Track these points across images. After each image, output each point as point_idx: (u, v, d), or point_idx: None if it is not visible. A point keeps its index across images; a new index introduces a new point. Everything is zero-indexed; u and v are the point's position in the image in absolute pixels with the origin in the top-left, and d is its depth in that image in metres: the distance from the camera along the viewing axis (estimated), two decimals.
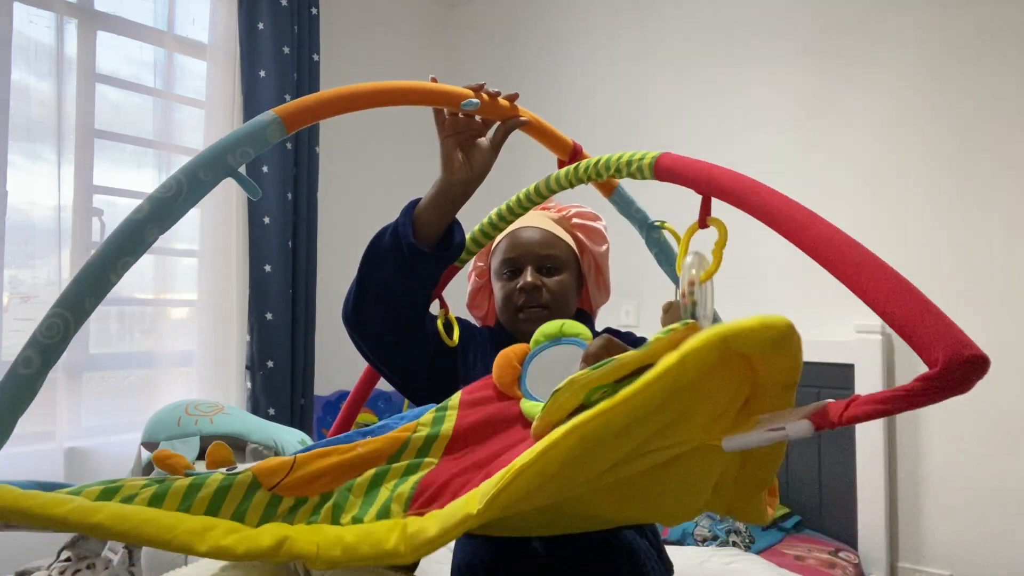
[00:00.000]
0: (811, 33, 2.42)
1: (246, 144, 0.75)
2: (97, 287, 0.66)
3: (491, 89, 1.00)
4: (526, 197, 1.04)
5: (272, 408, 2.58)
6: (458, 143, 1.00)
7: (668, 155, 0.82)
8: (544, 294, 1.13)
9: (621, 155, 0.88)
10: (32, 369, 0.64)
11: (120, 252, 0.68)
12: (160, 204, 0.70)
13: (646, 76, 2.84)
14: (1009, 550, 2.01)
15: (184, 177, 0.71)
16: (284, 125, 0.78)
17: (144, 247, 0.70)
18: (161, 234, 0.71)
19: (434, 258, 0.99)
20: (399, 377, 1.11)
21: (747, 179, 0.73)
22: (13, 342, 2.16)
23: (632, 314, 2.74)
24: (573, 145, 1.15)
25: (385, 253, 0.99)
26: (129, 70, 2.49)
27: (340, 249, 2.95)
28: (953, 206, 2.14)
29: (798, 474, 2.31)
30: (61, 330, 0.64)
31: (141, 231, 0.69)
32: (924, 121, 2.19)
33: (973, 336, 0.51)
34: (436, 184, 1.00)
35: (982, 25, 2.10)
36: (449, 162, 1.00)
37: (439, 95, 0.95)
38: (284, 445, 1.58)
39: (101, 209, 2.37)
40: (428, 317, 1.10)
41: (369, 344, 1.06)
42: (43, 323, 0.65)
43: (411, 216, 1.00)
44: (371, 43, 3.23)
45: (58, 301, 0.65)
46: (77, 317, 0.65)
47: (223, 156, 0.74)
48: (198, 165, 0.73)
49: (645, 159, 0.84)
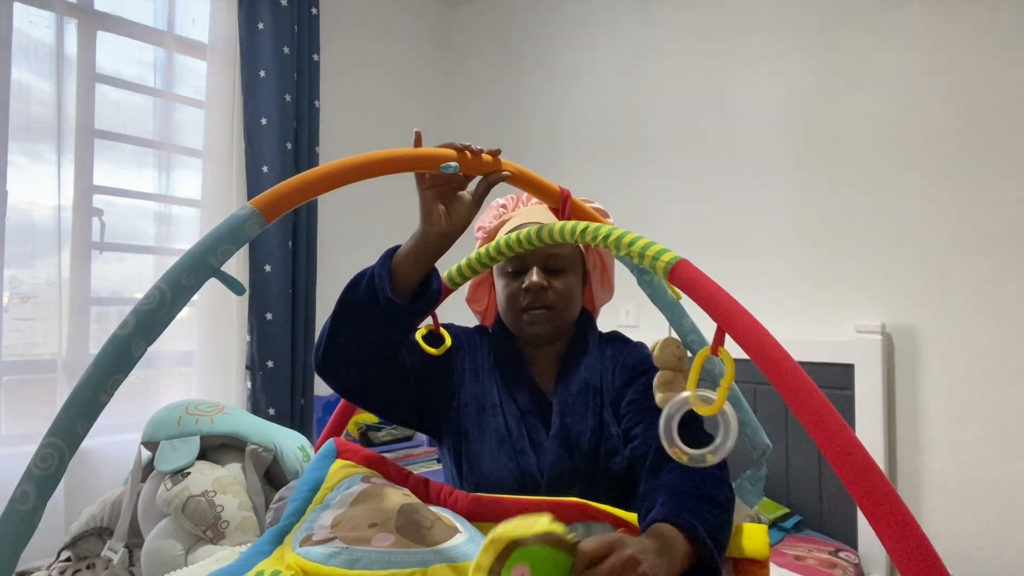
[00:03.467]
0: (811, 33, 2.42)
1: (226, 242, 0.74)
2: (89, 411, 0.65)
3: (476, 147, 0.97)
4: (527, 240, 1.02)
5: (272, 408, 2.58)
6: (438, 196, 0.98)
7: (686, 265, 0.79)
8: (549, 295, 1.13)
9: (635, 240, 0.84)
10: (29, 504, 0.63)
11: (110, 371, 0.67)
12: (145, 316, 0.69)
13: (646, 74, 2.84)
14: (1009, 550, 2.01)
15: (167, 286, 0.70)
16: (263, 217, 0.76)
17: (133, 362, 0.68)
18: (149, 345, 0.70)
19: (410, 311, 0.98)
20: (379, 412, 1.10)
21: (764, 333, 0.71)
22: (13, 342, 2.16)
23: (632, 314, 2.75)
24: (561, 192, 1.12)
25: (360, 302, 0.97)
26: (129, 70, 2.49)
27: (340, 249, 2.96)
28: (954, 207, 2.14)
29: (798, 474, 2.31)
30: (55, 460, 0.63)
31: (129, 346, 0.68)
32: (924, 121, 2.19)
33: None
34: (415, 236, 0.98)
35: (981, 25, 2.10)
36: (428, 215, 0.97)
37: (420, 160, 0.92)
38: (284, 448, 1.58)
39: (101, 209, 2.37)
40: (404, 348, 1.09)
41: (343, 387, 1.05)
42: (37, 454, 0.63)
43: (388, 268, 0.98)
44: (371, 43, 3.23)
45: (51, 430, 0.64)
46: (70, 444, 0.64)
47: (205, 258, 0.72)
48: (180, 271, 0.71)
49: (660, 259, 0.80)
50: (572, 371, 1.14)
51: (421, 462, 2.75)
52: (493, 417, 1.11)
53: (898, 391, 2.20)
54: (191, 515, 1.34)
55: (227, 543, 1.31)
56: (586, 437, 1.07)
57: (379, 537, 0.80)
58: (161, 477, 1.45)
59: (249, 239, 0.76)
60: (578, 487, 1.02)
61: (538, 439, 1.09)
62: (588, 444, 1.07)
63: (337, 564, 0.77)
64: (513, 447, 1.08)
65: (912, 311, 2.18)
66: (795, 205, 2.43)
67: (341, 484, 0.93)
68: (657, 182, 2.78)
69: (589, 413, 1.09)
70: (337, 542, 0.80)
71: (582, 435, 1.07)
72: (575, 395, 1.11)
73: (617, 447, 1.07)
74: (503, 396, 1.13)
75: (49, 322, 2.19)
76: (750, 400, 2.22)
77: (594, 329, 1.23)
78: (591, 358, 1.15)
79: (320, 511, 0.88)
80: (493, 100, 3.37)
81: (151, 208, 2.52)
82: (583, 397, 1.11)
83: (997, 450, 2.04)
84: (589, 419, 1.09)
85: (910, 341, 2.18)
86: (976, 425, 2.07)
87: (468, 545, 0.83)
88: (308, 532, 0.84)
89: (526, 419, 1.10)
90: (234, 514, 1.36)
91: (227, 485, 1.41)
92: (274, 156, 2.62)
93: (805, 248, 2.40)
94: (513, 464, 1.06)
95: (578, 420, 1.09)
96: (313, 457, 1.01)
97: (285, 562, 0.81)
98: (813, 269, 2.37)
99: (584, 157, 2.98)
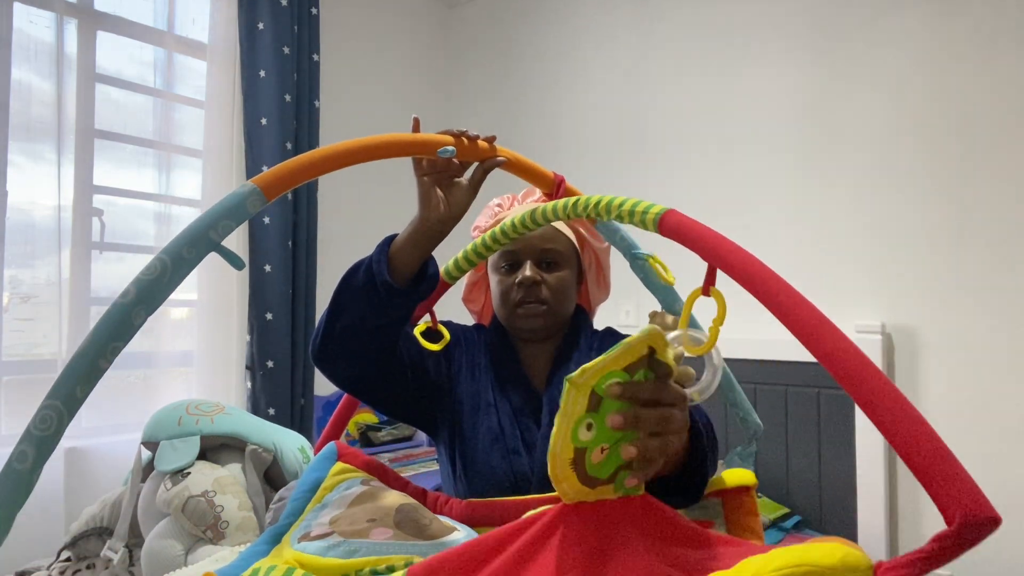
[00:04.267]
0: (810, 33, 2.42)
1: (227, 218, 0.75)
2: (89, 375, 0.66)
3: (472, 133, 0.98)
4: (521, 224, 1.02)
5: (272, 408, 2.58)
6: (435, 182, 0.99)
7: (674, 213, 0.80)
8: (543, 290, 1.12)
9: (624, 201, 0.86)
10: (27, 464, 0.63)
11: (110, 338, 0.68)
12: (146, 286, 0.70)
13: (646, 75, 2.84)
14: (1009, 550, 2.01)
15: (168, 257, 0.71)
16: (263, 194, 0.78)
17: (133, 330, 0.70)
18: (149, 315, 0.71)
19: (409, 295, 0.98)
20: (376, 404, 1.10)
21: (756, 263, 0.71)
22: (13, 342, 2.17)
23: (632, 314, 2.74)
24: (555, 178, 1.13)
25: (358, 289, 0.97)
26: (129, 70, 2.49)
27: (340, 249, 2.96)
28: (954, 207, 2.14)
29: (798, 474, 2.31)
30: (55, 422, 0.64)
31: (129, 315, 0.69)
32: (924, 121, 2.19)
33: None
34: (413, 222, 0.99)
35: (980, 26, 2.10)
36: (427, 201, 0.98)
37: (417, 145, 0.94)
38: (284, 449, 1.58)
39: (101, 209, 2.37)
40: (402, 340, 1.09)
41: (340, 378, 1.05)
42: (37, 415, 0.64)
43: (386, 253, 0.98)
44: (371, 43, 3.23)
45: (51, 392, 0.65)
46: (70, 407, 0.65)
47: (205, 232, 0.74)
48: (181, 243, 0.72)
49: (649, 212, 0.82)
50: (565, 368, 1.14)
51: (421, 462, 2.75)
52: (487, 416, 1.11)
53: None
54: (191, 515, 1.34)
55: (227, 543, 1.31)
56: None
57: (377, 531, 0.80)
58: (161, 477, 1.45)
59: (249, 216, 0.77)
60: None
61: (531, 439, 1.09)
62: None
63: (335, 555, 0.78)
64: (506, 446, 1.08)
65: (912, 311, 2.18)
66: (795, 205, 2.43)
67: (340, 486, 0.94)
68: (657, 182, 2.78)
69: None
70: (335, 536, 0.80)
71: None
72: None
73: None
74: (497, 395, 1.13)
75: (49, 322, 2.20)
76: (750, 399, 2.23)
77: (589, 326, 1.23)
78: (583, 353, 1.15)
79: (318, 510, 0.89)
80: (493, 100, 3.37)
81: (151, 208, 2.52)
82: None
83: (997, 450, 2.04)
84: None
85: (910, 341, 2.18)
86: (976, 425, 2.07)
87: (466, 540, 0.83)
88: (306, 529, 0.85)
89: (519, 418, 1.10)
90: (234, 514, 1.36)
91: (227, 485, 1.41)
92: (274, 156, 2.62)
93: (805, 248, 2.40)
94: (506, 464, 1.06)
95: None
96: (314, 458, 1.01)
97: (282, 558, 0.81)
98: (813, 269, 2.37)
99: (584, 157, 2.98)
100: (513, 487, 1.05)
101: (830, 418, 2.25)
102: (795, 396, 2.30)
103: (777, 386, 2.33)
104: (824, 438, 2.26)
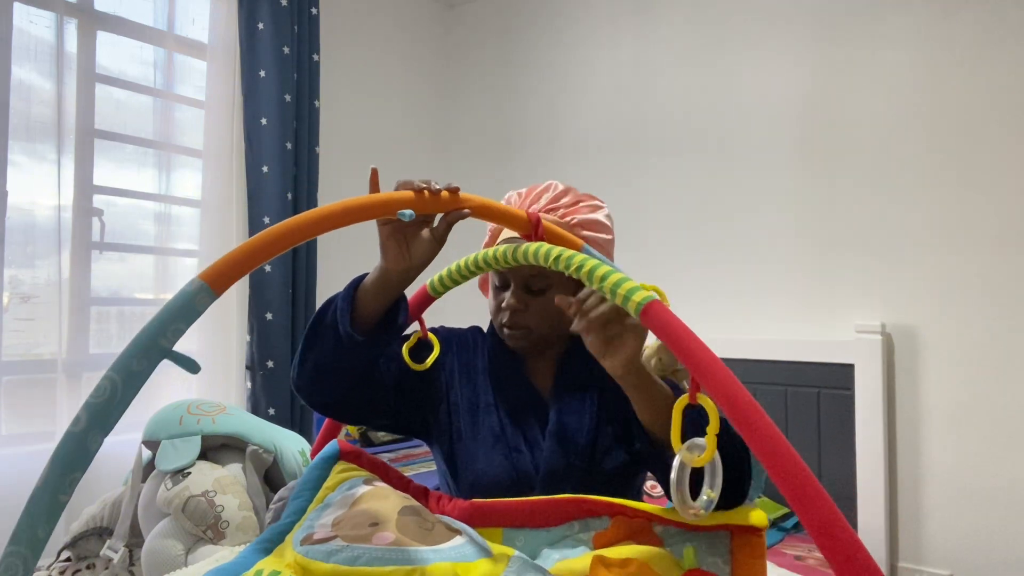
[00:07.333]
0: (811, 34, 2.42)
1: (177, 321, 0.71)
2: (49, 513, 0.63)
3: (434, 185, 0.93)
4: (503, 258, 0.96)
5: (272, 408, 2.58)
6: (395, 231, 0.94)
7: (658, 306, 0.76)
8: (527, 317, 1.10)
9: (608, 275, 0.80)
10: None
11: (68, 470, 0.65)
12: (97, 410, 0.66)
13: (646, 75, 2.84)
14: (1009, 550, 2.01)
15: (117, 375, 0.67)
16: (212, 290, 0.73)
17: (90, 457, 0.66)
18: (105, 437, 0.67)
19: (372, 345, 0.97)
20: (356, 423, 1.10)
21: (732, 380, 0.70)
22: (13, 342, 2.16)
23: None
24: (531, 217, 1.06)
25: (327, 329, 0.97)
26: (129, 70, 2.49)
27: (340, 249, 2.95)
28: (954, 207, 2.14)
29: None
30: (20, 569, 0.61)
31: (83, 443, 0.65)
32: (924, 121, 2.19)
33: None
34: (377, 268, 0.97)
35: (981, 26, 2.10)
36: (385, 251, 0.95)
37: (376, 208, 0.88)
38: (284, 451, 1.58)
39: (101, 209, 2.37)
40: (382, 362, 1.07)
41: (317, 406, 1.05)
42: (1, 563, 0.62)
43: (351, 300, 0.96)
44: (371, 43, 3.23)
45: (12, 538, 0.61)
46: (34, 550, 0.62)
47: (156, 340, 0.70)
48: (130, 356, 0.68)
49: (632, 300, 0.77)
50: (571, 371, 1.14)
51: (421, 462, 2.75)
52: (487, 416, 1.11)
53: (898, 391, 2.20)
54: (191, 515, 1.34)
55: (227, 543, 1.31)
56: (583, 434, 1.08)
57: (379, 536, 0.80)
58: (162, 476, 1.45)
59: (199, 314, 0.73)
60: (572, 485, 1.02)
61: (533, 437, 1.09)
62: (585, 441, 1.07)
63: (338, 561, 0.78)
64: (508, 445, 1.08)
65: (912, 311, 2.18)
66: (795, 205, 2.43)
67: (343, 485, 0.94)
68: (657, 182, 2.78)
69: (586, 411, 1.10)
70: (338, 540, 0.80)
71: (579, 432, 1.08)
72: (573, 393, 1.11)
73: (612, 445, 1.08)
74: (497, 396, 1.13)
75: (49, 322, 2.19)
76: None
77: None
78: (588, 358, 1.15)
79: (321, 510, 0.89)
80: (493, 100, 3.37)
81: (151, 208, 2.52)
82: (580, 395, 1.11)
83: (997, 450, 2.04)
84: (586, 417, 1.09)
85: (910, 341, 2.18)
86: (976, 425, 2.07)
87: (468, 547, 0.83)
88: (309, 531, 0.85)
89: (520, 418, 1.10)
90: (234, 514, 1.36)
91: (227, 485, 1.41)
92: (274, 156, 2.62)
93: (805, 248, 2.40)
94: (508, 463, 1.07)
95: (575, 418, 1.09)
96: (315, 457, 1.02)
97: (285, 561, 0.81)
98: (813, 269, 2.37)
99: (583, 156, 2.98)
100: (515, 484, 1.05)
101: (830, 418, 2.25)
102: (795, 396, 2.31)
103: (777, 386, 2.33)
104: (824, 438, 2.27)
